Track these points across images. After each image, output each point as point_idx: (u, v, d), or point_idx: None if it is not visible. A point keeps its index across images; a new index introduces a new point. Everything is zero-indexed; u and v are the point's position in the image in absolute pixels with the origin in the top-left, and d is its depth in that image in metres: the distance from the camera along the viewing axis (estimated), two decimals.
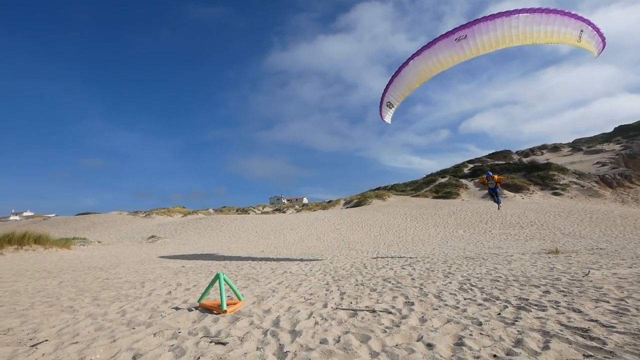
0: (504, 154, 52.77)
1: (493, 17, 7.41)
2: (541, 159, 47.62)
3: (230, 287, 4.21)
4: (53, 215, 59.18)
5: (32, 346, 2.72)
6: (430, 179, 44.44)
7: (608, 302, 3.87)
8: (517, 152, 54.07)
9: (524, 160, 47.85)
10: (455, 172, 46.75)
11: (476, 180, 15.69)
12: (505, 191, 33.29)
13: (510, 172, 40.22)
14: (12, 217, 63.70)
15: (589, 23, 7.82)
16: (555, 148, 52.90)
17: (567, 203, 29.50)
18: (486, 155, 53.79)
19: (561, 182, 34.70)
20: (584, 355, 2.38)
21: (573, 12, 7.66)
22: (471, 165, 48.87)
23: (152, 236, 24.82)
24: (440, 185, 39.61)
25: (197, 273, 7.83)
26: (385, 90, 9.47)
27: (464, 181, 39.74)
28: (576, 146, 51.81)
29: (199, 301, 4.18)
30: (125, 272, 8.30)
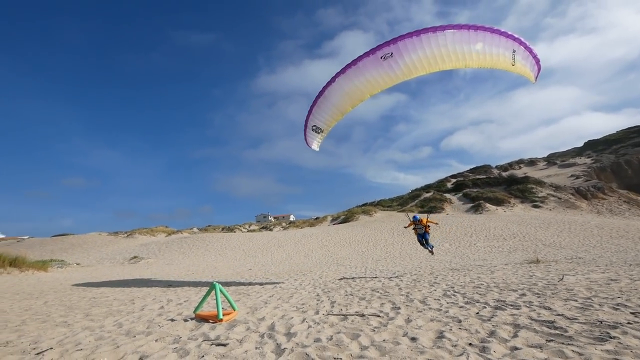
0: (485, 168, 54.74)
1: (418, 32, 6.91)
2: (519, 172, 49.65)
3: (226, 297, 4.36)
4: (27, 237, 56.30)
5: (37, 354, 2.81)
6: (415, 194, 45.40)
7: (576, 300, 4.25)
8: (496, 167, 56.21)
9: (504, 174, 49.75)
10: (439, 187, 48.02)
11: (404, 227, 13.34)
12: (487, 205, 34.39)
13: (491, 185, 41.68)
14: None
15: (521, 42, 7.31)
16: (532, 162, 55.38)
17: (547, 215, 30.70)
18: (468, 170, 55.62)
19: (539, 195, 36.18)
20: (546, 340, 2.70)
21: (503, 30, 7.14)
22: (454, 180, 50.34)
23: (135, 257, 24.11)
24: (425, 200, 40.51)
25: (186, 290, 7.82)
26: (310, 112, 8.45)
27: (447, 195, 40.81)
28: (551, 160, 54.45)
29: (195, 311, 4.30)
30: (110, 291, 8.19)
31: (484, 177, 47.46)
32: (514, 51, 7.34)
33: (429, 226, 10.08)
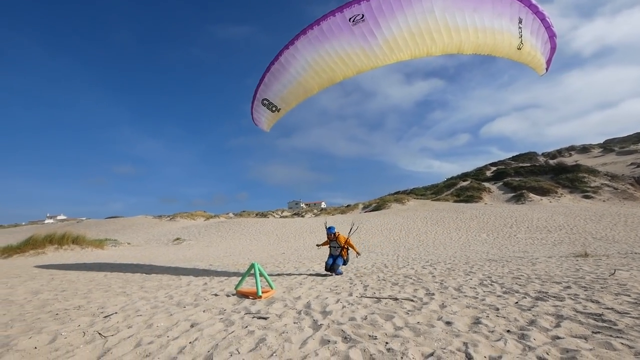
0: (529, 156, 51.06)
1: None
2: (569, 160, 45.73)
3: (264, 276, 4.62)
4: (85, 218, 62.71)
5: (105, 317, 3.22)
6: (451, 183, 43.69)
7: (629, 295, 3.96)
8: (543, 154, 52.17)
9: (551, 162, 46.10)
10: (477, 175, 45.72)
11: (317, 245, 7.86)
12: (531, 194, 32.25)
13: (536, 174, 38.90)
14: (47, 221, 67.90)
15: (531, 5, 5.57)
16: (585, 149, 50.64)
17: (599, 206, 28.19)
18: (510, 158, 52.27)
19: (592, 185, 33.20)
20: (592, 332, 2.58)
21: None
22: (494, 168, 47.61)
23: (177, 238, 25.88)
24: (462, 189, 38.86)
25: (226, 270, 8.33)
26: (261, 80, 6.67)
27: (486, 184, 38.80)
28: (607, 147, 49.35)
29: (236, 288, 4.61)
30: (159, 268, 8.95)
31: (528, 165, 44.36)
32: (520, 20, 5.63)
33: (347, 249, 7.12)
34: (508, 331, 2.66)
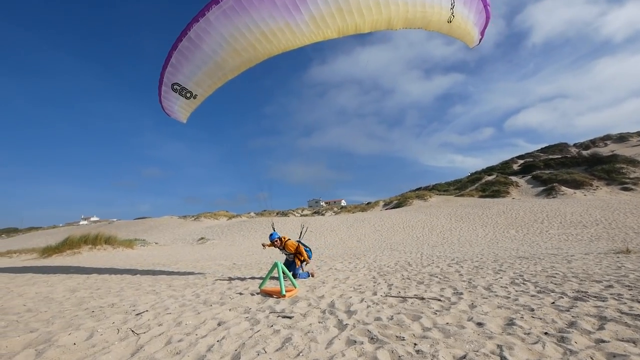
0: (560, 147, 48.42)
1: None
2: (604, 150, 42.96)
3: (287, 275, 4.63)
4: (115, 219, 66.07)
5: (137, 314, 3.35)
6: (475, 177, 42.25)
7: None
8: (575, 145, 49.33)
9: (584, 153, 43.52)
10: (504, 169, 43.94)
11: (263, 245, 6.55)
12: (563, 188, 30.58)
13: (567, 166, 36.88)
14: (81, 222, 72.07)
15: None
16: (622, 138, 47.35)
17: None
18: (538, 150, 49.81)
19: (631, 176, 31.03)
20: None
21: None
22: (521, 161, 45.56)
23: (202, 238, 26.66)
24: (487, 184, 37.48)
25: (249, 269, 8.46)
26: (167, 61, 5.58)
27: (513, 178, 37.21)
28: None
29: (260, 287, 4.66)
30: (185, 267, 9.23)
31: (559, 156, 42.09)
32: None
33: (299, 255, 6.20)
34: (546, 333, 2.51)
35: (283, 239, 6.18)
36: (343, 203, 70.51)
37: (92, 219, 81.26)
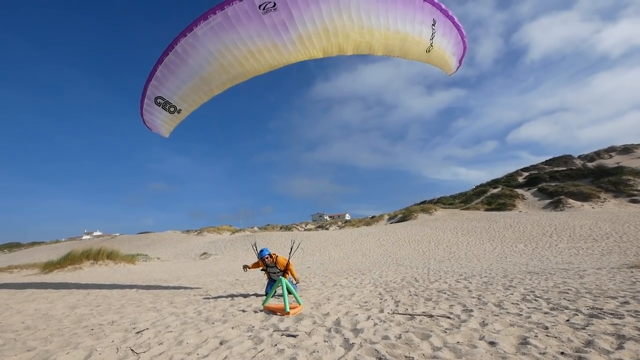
0: (564, 159, 48.09)
1: None
2: (610, 162, 42.57)
3: (291, 292, 4.53)
4: (118, 234, 66.02)
5: (137, 332, 3.26)
6: (480, 190, 41.88)
7: None
8: (579, 157, 48.96)
9: (589, 164, 43.13)
10: (509, 181, 43.58)
11: (245, 267, 6.43)
12: (570, 200, 30.17)
13: (573, 178, 36.50)
14: (84, 237, 72.07)
15: (441, 9, 5.54)
16: (627, 150, 46.96)
17: None
18: (543, 162, 49.46)
19: (639, 188, 30.58)
20: None
21: None
22: (526, 174, 45.21)
23: (204, 253, 26.45)
24: (493, 197, 37.11)
25: (252, 285, 8.31)
26: (151, 75, 5.54)
27: (519, 191, 36.85)
28: None
29: (263, 304, 4.55)
30: (187, 283, 9.10)
31: (564, 169, 41.74)
32: (433, 23, 5.53)
33: (286, 274, 5.51)
34: (562, 353, 2.39)
35: (273, 256, 5.86)
36: (347, 217, 70.02)
37: (94, 233, 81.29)
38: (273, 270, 5.78)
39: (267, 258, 5.81)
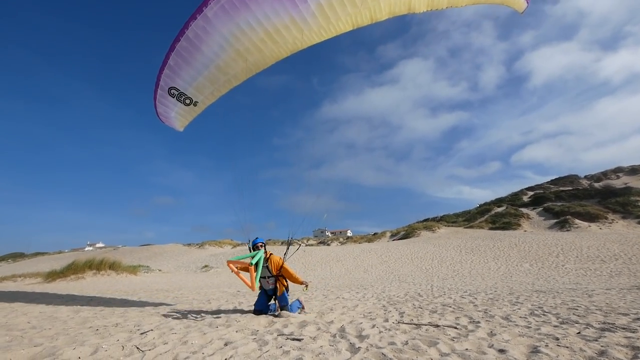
0: (570, 179, 47.73)
1: None
2: (617, 183, 42.19)
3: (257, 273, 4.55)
4: (121, 246, 65.81)
5: (141, 333, 3.24)
6: (484, 209, 41.50)
7: None
8: (586, 177, 48.61)
9: (596, 185, 42.77)
10: (514, 200, 43.16)
11: (229, 262, 4.74)
12: (576, 220, 29.75)
13: (580, 198, 36.12)
14: (87, 248, 71.89)
15: None
16: (634, 171, 46.57)
17: None
18: (548, 182, 49.11)
19: None
20: None
21: None
22: (531, 193, 44.84)
23: (205, 266, 26.23)
24: (497, 215, 36.72)
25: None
26: (164, 64, 4.96)
27: (524, 210, 36.45)
28: None
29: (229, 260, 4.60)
30: (188, 293, 9.02)
31: (570, 188, 41.40)
32: None
33: (283, 279, 4.84)
34: None
35: (267, 253, 4.96)
36: (349, 233, 69.35)
37: (97, 245, 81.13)
38: (264, 273, 4.75)
39: (260, 245, 4.95)
